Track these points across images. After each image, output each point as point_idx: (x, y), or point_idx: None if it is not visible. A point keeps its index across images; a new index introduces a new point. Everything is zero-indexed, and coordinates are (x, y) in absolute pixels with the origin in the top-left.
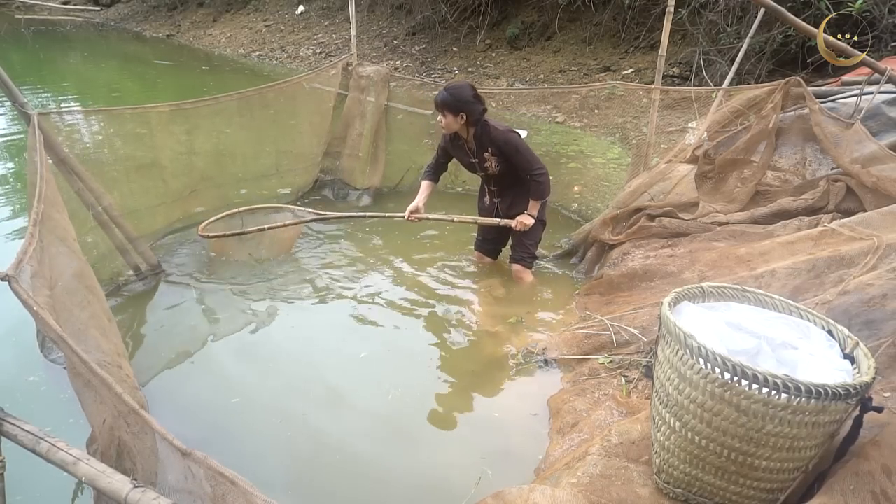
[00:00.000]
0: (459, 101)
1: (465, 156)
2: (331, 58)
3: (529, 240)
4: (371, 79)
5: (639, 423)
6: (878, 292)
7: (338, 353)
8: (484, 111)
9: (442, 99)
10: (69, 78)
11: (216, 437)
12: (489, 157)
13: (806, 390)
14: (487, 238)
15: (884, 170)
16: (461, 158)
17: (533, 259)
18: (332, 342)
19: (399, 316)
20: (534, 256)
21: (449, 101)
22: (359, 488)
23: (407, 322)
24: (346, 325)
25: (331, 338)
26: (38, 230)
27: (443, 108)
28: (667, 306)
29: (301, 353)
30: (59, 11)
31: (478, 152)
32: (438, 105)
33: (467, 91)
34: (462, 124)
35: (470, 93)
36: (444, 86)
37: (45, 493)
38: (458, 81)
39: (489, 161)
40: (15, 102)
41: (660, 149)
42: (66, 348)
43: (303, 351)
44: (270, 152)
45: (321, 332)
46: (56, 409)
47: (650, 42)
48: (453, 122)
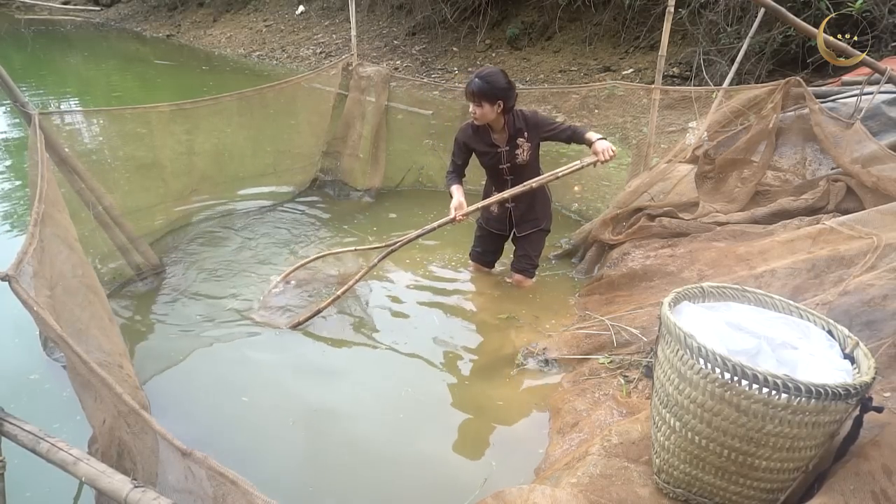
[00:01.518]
0: (497, 87)
1: (491, 148)
2: (331, 58)
3: (534, 251)
4: (371, 79)
5: (639, 423)
6: (879, 293)
7: (338, 352)
8: (516, 96)
9: (479, 88)
10: (69, 78)
11: (219, 436)
12: (522, 144)
13: (806, 390)
14: (488, 250)
15: (884, 170)
16: (485, 152)
17: (535, 269)
18: (332, 341)
19: (398, 316)
20: (536, 266)
21: (486, 90)
22: (360, 488)
23: (406, 322)
24: (346, 325)
25: (331, 337)
26: (38, 230)
27: (480, 97)
28: (667, 306)
29: (302, 352)
30: (59, 11)
31: (510, 140)
32: (475, 95)
33: (502, 77)
34: (498, 113)
35: (504, 78)
36: (476, 74)
37: (46, 493)
38: (488, 68)
39: (521, 148)
40: (16, 102)
41: (660, 149)
42: (66, 348)
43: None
44: (269, 152)
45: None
46: (58, 408)
47: (650, 42)
48: (490, 112)
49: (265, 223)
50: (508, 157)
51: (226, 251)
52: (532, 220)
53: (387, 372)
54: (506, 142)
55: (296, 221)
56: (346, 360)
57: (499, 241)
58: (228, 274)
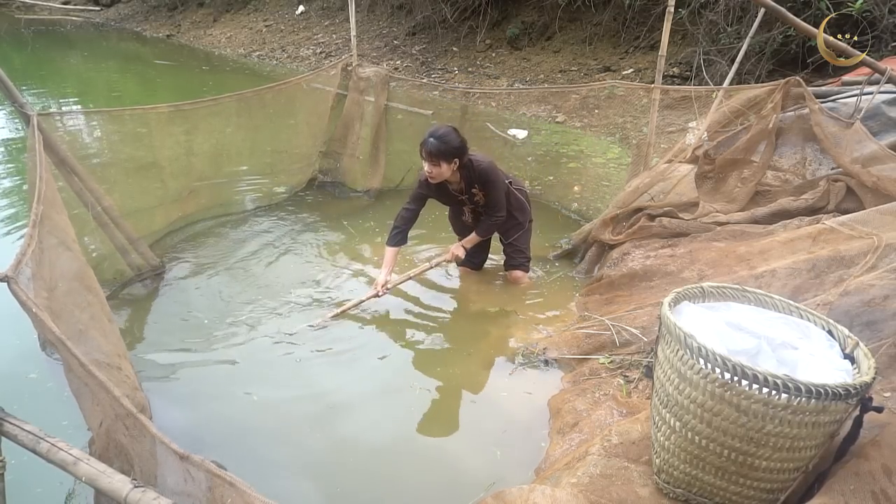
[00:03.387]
0: (452, 147)
1: (451, 198)
2: (331, 58)
3: (523, 244)
4: (370, 80)
5: (639, 423)
6: (880, 293)
7: (338, 352)
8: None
9: (436, 149)
10: (69, 78)
11: (219, 435)
12: (477, 192)
13: (806, 390)
14: (475, 252)
15: (884, 170)
16: (447, 201)
17: (529, 261)
18: (332, 341)
19: (397, 316)
20: (529, 259)
21: (444, 150)
22: (359, 488)
23: (405, 322)
24: (346, 326)
25: (331, 336)
26: (37, 231)
27: (438, 157)
28: (667, 306)
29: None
30: (59, 11)
31: (466, 189)
32: (432, 155)
33: (455, 136)
34: (455, 169)
35: (457, 136)
36: (429, 134)
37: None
38: (439, 127)
39: (478, 195)
40: (15, 103)
41: (660, 149)
42: (64, 350)
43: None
44: (268, 152)
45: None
46: (58, 408)
47: (650, 42)
48: (446, 170)
49: (264, 223)
50: (469, 201)
51: (225, 251)
52: (514, 226)
53: (386, 372)
54: (463, 191)
55: (296, 221)
56: (345, 360)
57: (485, 243)
58: (228, 274)
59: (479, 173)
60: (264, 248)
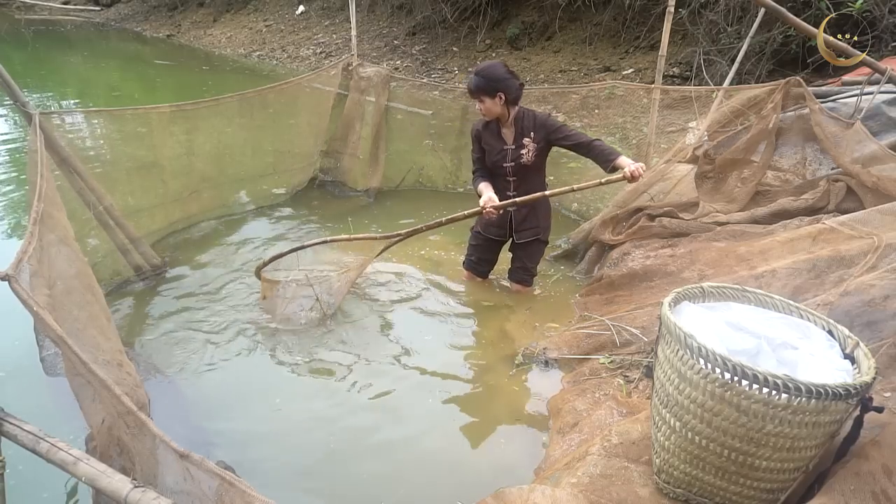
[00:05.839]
0: (493, 80)
1: (498, 142)
2: (331, 58)
3: (532, 262)
4: (371, 80)
5: (639, 423)
6: (880, 293)
7: (338, 353)
8: (521, 86)
9: (475, 84)
10: (69, 78)
11: (219, 433)
12: (528, 144)
13: (806, 390)
14: (483, 259)
15: (884, 170)
16: (493, 147)
17: (533, 278)
18: (332, 342)
19: (397, 317)
20: (534, 276)
21: (483, 84)
22: (361, 489)
23: (405, 322)
24: (346, 326)
25: (331, 337)
26: (37, 229)
27: (478, 92)
28: (667, 306)
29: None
30: (60, 11)
31: (517, 138)
32: (473, 91)
33: (499, 68)
34: (503, 105)
35: (503, 69)
36: (474, 70)
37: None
38: (486, 62)
39: (527, 148)
40: (16, 102)
41: (660, 149)
42: (66, 348)
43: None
44: (269, 152)
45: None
46: (58, 408)
47: (650, 42)
48: (493, 105)
49: (265, 223)
50: (513, 155)
51: (226, 251)
52: (533, 228)
53: (385, 373)
54: (513, 139)
55: (296, 221)
56: (346, 361)
57: (496, 247)
58: (229, 273)
59: (536, 119)
60: (265, 248)
